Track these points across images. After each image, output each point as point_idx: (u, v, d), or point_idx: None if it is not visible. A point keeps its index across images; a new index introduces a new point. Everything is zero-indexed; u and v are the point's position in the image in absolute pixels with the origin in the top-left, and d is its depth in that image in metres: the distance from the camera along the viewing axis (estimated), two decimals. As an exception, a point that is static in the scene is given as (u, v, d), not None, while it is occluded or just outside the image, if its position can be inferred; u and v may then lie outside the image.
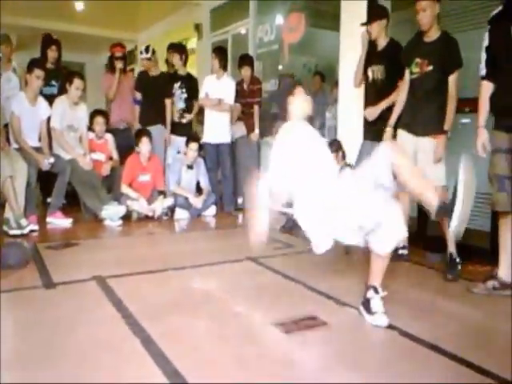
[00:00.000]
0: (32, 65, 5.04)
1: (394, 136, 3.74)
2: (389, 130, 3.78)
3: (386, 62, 4.03)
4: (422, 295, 2.99)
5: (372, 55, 4.18)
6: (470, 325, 2.54)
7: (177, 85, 6.15)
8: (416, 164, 3.41)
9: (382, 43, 4.10)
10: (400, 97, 3.73)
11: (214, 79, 5.90)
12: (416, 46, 3.59)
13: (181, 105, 6.18)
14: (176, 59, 6.15)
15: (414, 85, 3.60)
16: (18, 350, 2.12)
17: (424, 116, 3.50)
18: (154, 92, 6.03)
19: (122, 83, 6.17)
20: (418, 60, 3.51)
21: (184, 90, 6.15)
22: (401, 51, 3.89)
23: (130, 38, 10.66)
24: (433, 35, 3.47)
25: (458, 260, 3.35)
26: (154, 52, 6.09)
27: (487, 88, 3.03)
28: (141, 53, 6.22)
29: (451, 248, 3.37)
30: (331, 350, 2.18)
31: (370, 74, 4.17)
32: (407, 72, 3.64)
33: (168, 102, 6.07)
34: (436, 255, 3.69)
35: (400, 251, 3.62)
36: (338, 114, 5.19)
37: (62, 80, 5.53)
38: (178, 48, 6.34)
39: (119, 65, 6.09)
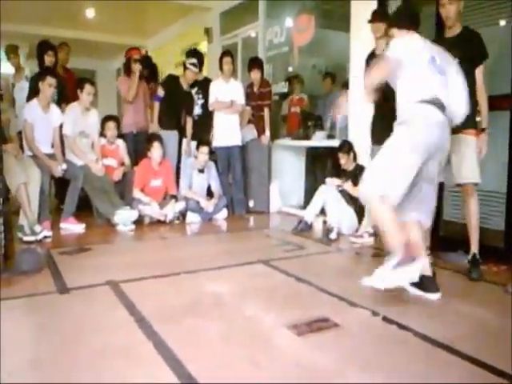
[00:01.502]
0: (44, 73, 5.10)
1: None
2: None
3: None
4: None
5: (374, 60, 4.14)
6: (486, 325, 2.52)
7: (193, 90, 6.13)
8: (450, 163, 3.35)
9: (381, 47, 4.04)
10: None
11: (222, 83, 5.92)
12: (438, 42, 3.51)
13: (198, 110, 6.15)
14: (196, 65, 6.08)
15: None
16: (33, 355, 2.13)
17: None
18: (179, 102, 5.97)
19: (139, 87, 6.13)
20: None
21: (201, 96, 6.14)
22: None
23: (140, 43, 10.67)
24: (455, 30, 3.42)
25: (480, 260, 3.32)
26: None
27: None
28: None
29: (474, 248, 3.34)
30: (344, 352, 2.17)
31: None
32: None
33: (189, 119, 6.06)
34: (451, 255, 3.66)
35: None
36: (349, 115, 5.17)
37: (61, 85, 5.56)
38: (195, 53, 6.22)
39: (137, 66, 6.01)
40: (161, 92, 5.99)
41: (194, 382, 1.88)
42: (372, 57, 4.22)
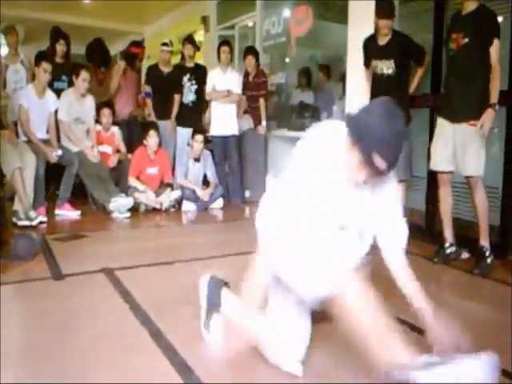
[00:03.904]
0: (39, 58, 5.05)
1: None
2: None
3: (393, 57, 3.96)
4: (434, 290, 2.98)
5: (375, 49, 4.12)
6: (483, 321, 2.53)
7: (186, 77, 6.15)
8: (456, 154, 3.35)
9: (385, 37, 4.03)
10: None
11: (220, 72, 5.89)
12: (452, 23, 3.45)
13: (191, 97, 6.17)
14: (190, 51, 6.16)
15: (451, 63, 3.45)
16: (27, 341, 2.14)
17: (462, 98, 3.30)
18: (165, 87, 6.05)
19: (129, 77, 6.20)
20: (453, 35, 3.35)
21: (194, 82, 6.14)
22: (410, 45, 3.88)
23: (138, 30, 10.66)
24: (469, 8, 3.29)
25: (487, 255, 3.30)
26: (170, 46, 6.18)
27: None
28: (165, 45, 6.22)
29: (483, 241, 3.32)
30: (341, 345, 2.17)
31: (376, 68, 4.10)
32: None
33: (177, 96, 6.09)
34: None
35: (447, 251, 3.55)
36: (346, 107, 5.16)
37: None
38: (191, 40, 6.31)
39: (139, 64, 6.18)
40: (147, 88, 6.19)
41: (188, 370, 1.89)
42: (372, 43, 4.19)
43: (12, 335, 2.16)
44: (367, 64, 4.27)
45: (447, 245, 3.52)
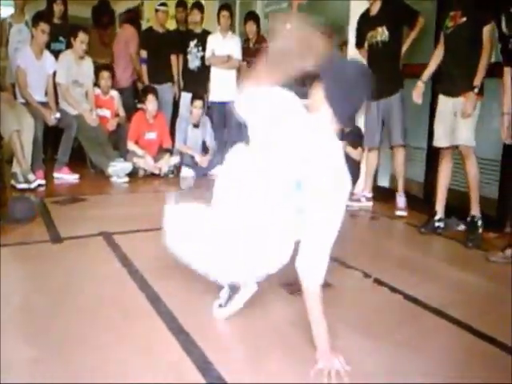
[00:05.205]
0: (37, 18, 4.95)
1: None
2: (420, 86, 3.63)
3: (385, 23, 4.00)
4: (430, 261, 3.02)
5: (368, 21, 4.15)
6: (479, 292, 2.56)
7: (193, 43, 6.03)
8: (454, 127, 3.36)
9: (376, 6, 4.08)
10: (436, 51, 3.54)
11: (220, 37, 5.80)
12: (453, 2, 3.40)
13: (197, 63, 6.06)
14: (197, 17, 6.03)
15: (448, 40, 3.43)
16: (26, 304, 2.16)
17: (459, 73, 3.33)
18: (162, 49, 5.97)
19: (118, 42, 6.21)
20: (451, 13, 3.35)
21: (200, 48, 6.04)
22: (401, 8, 3.95)
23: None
24: None
25: (479, 224, 3.33)
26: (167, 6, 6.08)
27: (507, 74, 3.03)
28: (162, 5, 6.13)
29: (474, 211, 3.35)
30: (335, 312, 2.20)
31: (371, 39, 4.13)
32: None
33: (174, 58, 6.03)
34: (445, 221, 3.66)
35: (436, 224, 3.57)
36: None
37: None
38: (198, 5, 6.17)
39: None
40: (143, 53, 6.10)
41: (185, 335, 1.92)
42: (365, 18, 4.20)
43: (11, 297, 2.18)
44: (360, 43, 4.31)
45: (437, 218, 3.55)
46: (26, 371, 1.65)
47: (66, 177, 4.87)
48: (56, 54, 5.22)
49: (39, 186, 4.35)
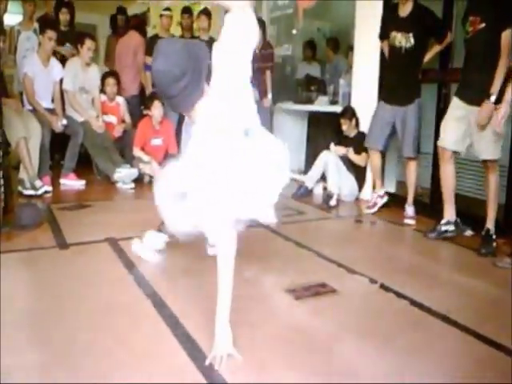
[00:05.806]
0: (44, 26, 5.00)
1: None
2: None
3: (413, 30, 3.83)
4: (436, 267, 3.01)
5: (395, 20, 3.97)
6: (485, 298, 2.54)
7: None
8: (471, 137, 3.29)
9: (406, 8, 3.88)
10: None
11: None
12: (470, 2, 3.34)
13: None
14: (205, 23, 6.04)
15: (467, 46, 3.35)
16: (32, 310, 2.16)
17: (475, 83, 3.23)
18: None
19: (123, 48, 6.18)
20: (471, 18, 3.24)
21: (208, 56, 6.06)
22: (432, 20, 3.84)
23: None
24: None
25: (494, 236, 3.27)
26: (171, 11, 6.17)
27: None
28: (166, 10, 6.24)
29: (489, 224, 3.29)
30: (341, 318, 2.20)
31: (394, 40, 3.95)
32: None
33: None
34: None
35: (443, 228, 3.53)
36: (353, 80, 5.10)
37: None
38: (206, 12, 6.17)
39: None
40: (148, 59, 5.97)
41: (191, 341, 1.93)
42: (393, 15, 4.02)
43: (17, 302, 2.19)
44: (384, 36, 4.15)
45: (444, 222, 3.50)
46: (30, 375, 1.65)
47: (72, 183, 4.88)
48: (63, 61, 5.25)
49: (46, 192, 4.36)
